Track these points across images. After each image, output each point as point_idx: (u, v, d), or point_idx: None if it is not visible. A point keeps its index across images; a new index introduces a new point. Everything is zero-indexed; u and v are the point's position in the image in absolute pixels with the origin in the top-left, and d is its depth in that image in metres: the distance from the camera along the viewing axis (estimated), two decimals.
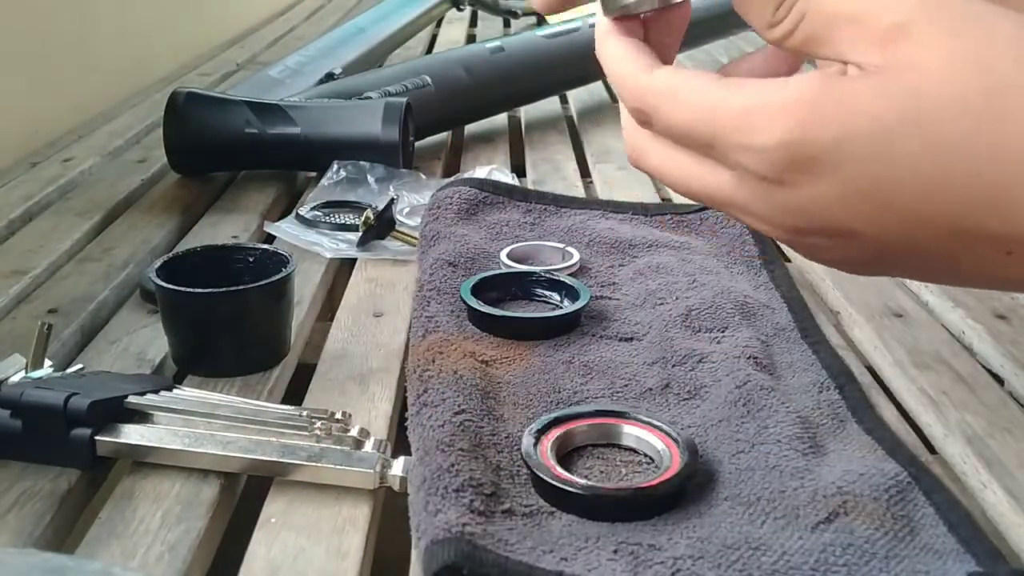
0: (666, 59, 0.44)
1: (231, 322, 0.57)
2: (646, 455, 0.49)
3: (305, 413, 0.50)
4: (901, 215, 0.36)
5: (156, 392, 0.52)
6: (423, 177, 0.92)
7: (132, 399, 0.51)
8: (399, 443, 0.52)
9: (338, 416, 0.50)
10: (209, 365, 0.59)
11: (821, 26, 0.37)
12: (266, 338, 0.59)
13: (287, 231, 0.81)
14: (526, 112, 1.22)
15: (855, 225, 0.37)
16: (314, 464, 0.48)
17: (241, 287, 0.58)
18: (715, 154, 0.39)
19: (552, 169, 1.00)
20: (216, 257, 0.62)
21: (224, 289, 0.57)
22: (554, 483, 0.45)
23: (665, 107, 0.39)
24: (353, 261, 0.77)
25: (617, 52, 0.41)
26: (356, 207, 0.84)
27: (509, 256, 0.70)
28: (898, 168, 0.35)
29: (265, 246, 0.63)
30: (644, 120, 0.41)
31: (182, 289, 0.57)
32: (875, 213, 0.36)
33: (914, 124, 0.35)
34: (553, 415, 0.50)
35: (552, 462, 0.46)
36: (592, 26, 1.28)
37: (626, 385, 0.55)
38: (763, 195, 0.38)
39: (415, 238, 0.76)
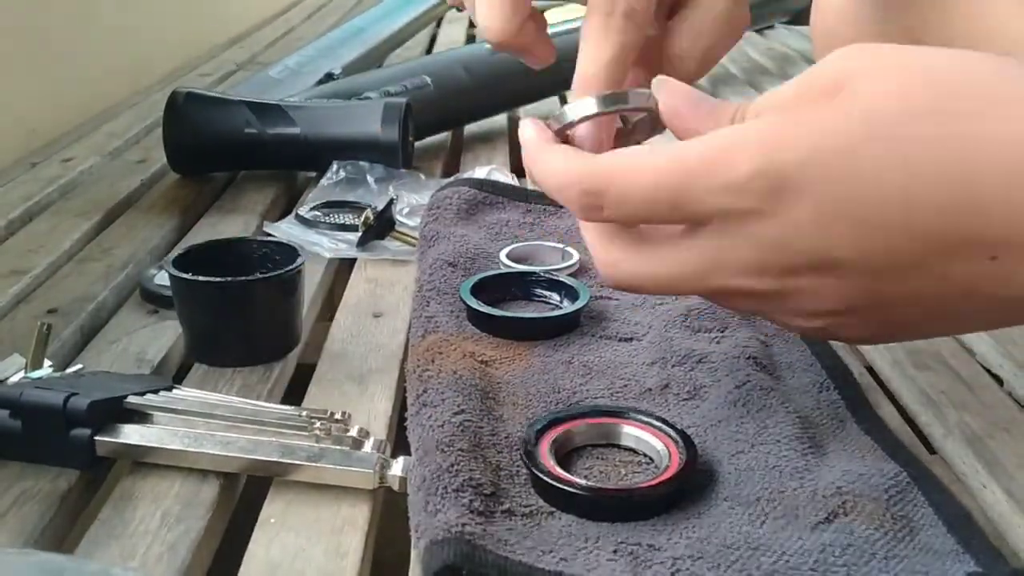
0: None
1: (240, 311, 0.59)
2: (645, 455, 0.49)
3: (305, 413, 0.50)
4: (877, 234, 0.36)
5: (156, 392, 0.52)
6: (423, 177, 0.92)
7: (132, 399, 0.51)
8: (399, 443, 0.52)
9: (338, 416, 0.50)
10: (219, 354, 0.60)
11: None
12: (275, 329, 0.61)
13: (287, 231, 0.81)
14: (526, 112, 1.22)
15: (835, 252, 0.37)
16: (313, 464, 0.48)
17: (251, 277, 0.60)
18: (684, 213, 0.38)
19: None
20: (232, 251, 0.64)
21: (235, 279, 0.59)
22: (553, 483, 0.45)
23: (619, 180, 0.39)
24: (353, 261, 0.77)
25: (556, 158, 0.42)
26: (356, 207, 0.84)
27: (509, 256, 0.70)
28: (865, 184, 0.35)
29: (279, 240, 0.66)
30: (595, 205, 0.40)
31: (194, 278, 0.58)
32: (851, 233, 0.36)
33: (875, 139, 0.35)
34: (552, 415, 0.50)
35: (552, 462, 0.46)
36: None
37: (626, 385, 0.55)
38: (746, 237, 0.38)
39: (415, 238, 0.76)
